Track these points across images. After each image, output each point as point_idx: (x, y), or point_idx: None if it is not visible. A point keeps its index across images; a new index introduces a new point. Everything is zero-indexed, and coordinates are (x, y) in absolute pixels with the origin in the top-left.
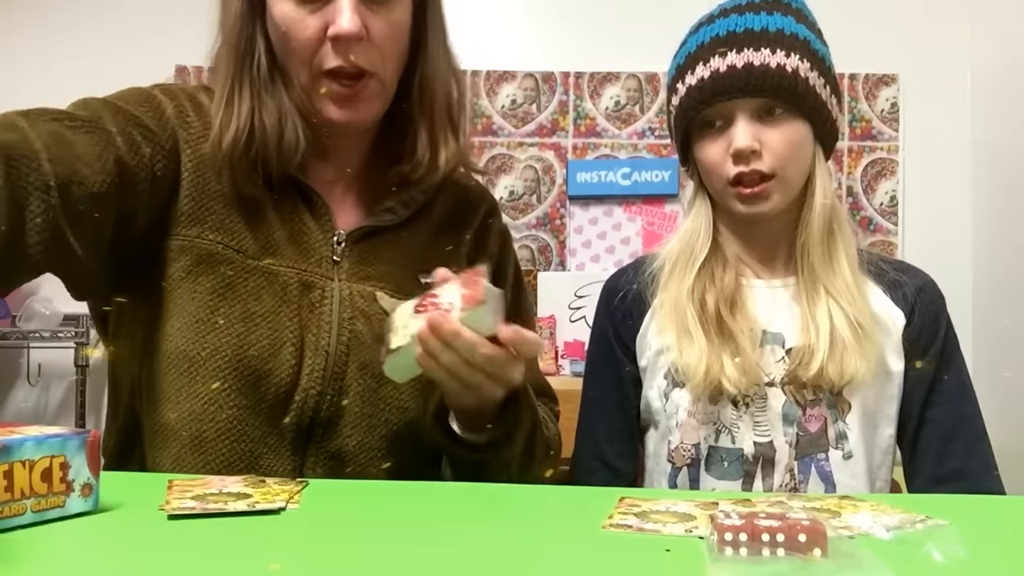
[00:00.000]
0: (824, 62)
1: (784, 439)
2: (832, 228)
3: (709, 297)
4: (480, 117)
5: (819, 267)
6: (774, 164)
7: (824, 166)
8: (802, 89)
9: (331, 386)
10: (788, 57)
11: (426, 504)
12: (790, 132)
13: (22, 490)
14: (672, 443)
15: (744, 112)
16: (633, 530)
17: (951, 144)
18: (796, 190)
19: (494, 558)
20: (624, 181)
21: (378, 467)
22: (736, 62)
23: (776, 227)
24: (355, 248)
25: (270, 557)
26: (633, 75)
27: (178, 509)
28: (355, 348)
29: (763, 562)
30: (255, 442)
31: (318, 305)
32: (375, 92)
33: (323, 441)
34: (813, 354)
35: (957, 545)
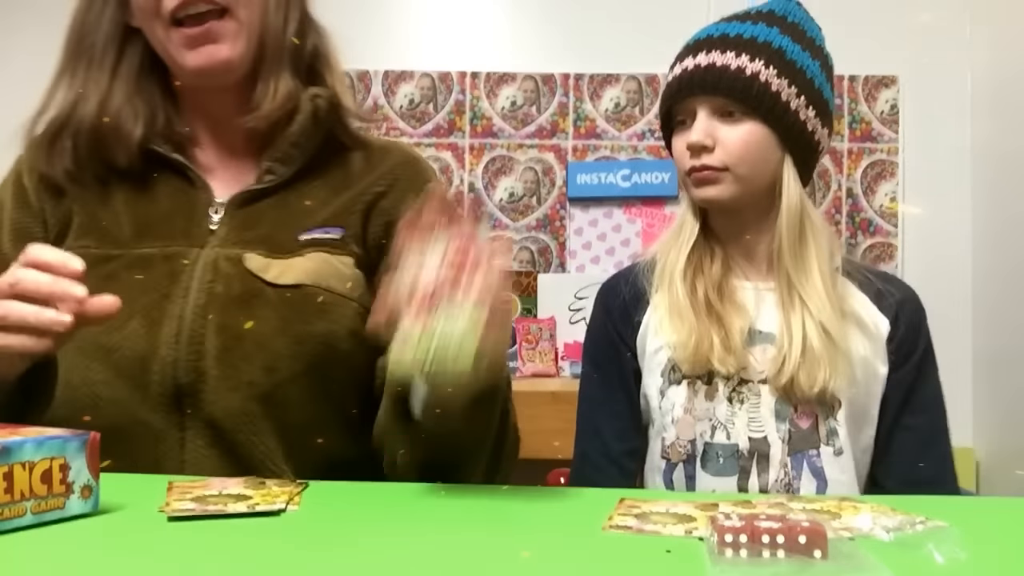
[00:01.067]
0: (802, 73)
1: (777, 435)
2: (805, 234)
3: (699, 284)
4: (480, 119)
5: (792, 273)
6: (725, 159)
7: (791, 172)
8: (758, 91)
9: (187, 351)
10: (753, 61)
11: (426, 505)
12: (745, 133)
13: (22, 492)
14: (667, 439)
15: (704, 109)
16: (633, 531)
17: (951, 146)
18: (753, 186)
19: (494, 559)
20: (624, 183)
21: (253, 433)
22: (702, 62)
23: (750, 227)
24: (237, 214)
25: (270, 559)
26: (633, 77)
27: (178, 511)
28: (212, 310)
29: (763, 563)
30: (119, 417)
31: (179, 274)
32: (231, 31)
33: (195, 409)
34: (785, 362)
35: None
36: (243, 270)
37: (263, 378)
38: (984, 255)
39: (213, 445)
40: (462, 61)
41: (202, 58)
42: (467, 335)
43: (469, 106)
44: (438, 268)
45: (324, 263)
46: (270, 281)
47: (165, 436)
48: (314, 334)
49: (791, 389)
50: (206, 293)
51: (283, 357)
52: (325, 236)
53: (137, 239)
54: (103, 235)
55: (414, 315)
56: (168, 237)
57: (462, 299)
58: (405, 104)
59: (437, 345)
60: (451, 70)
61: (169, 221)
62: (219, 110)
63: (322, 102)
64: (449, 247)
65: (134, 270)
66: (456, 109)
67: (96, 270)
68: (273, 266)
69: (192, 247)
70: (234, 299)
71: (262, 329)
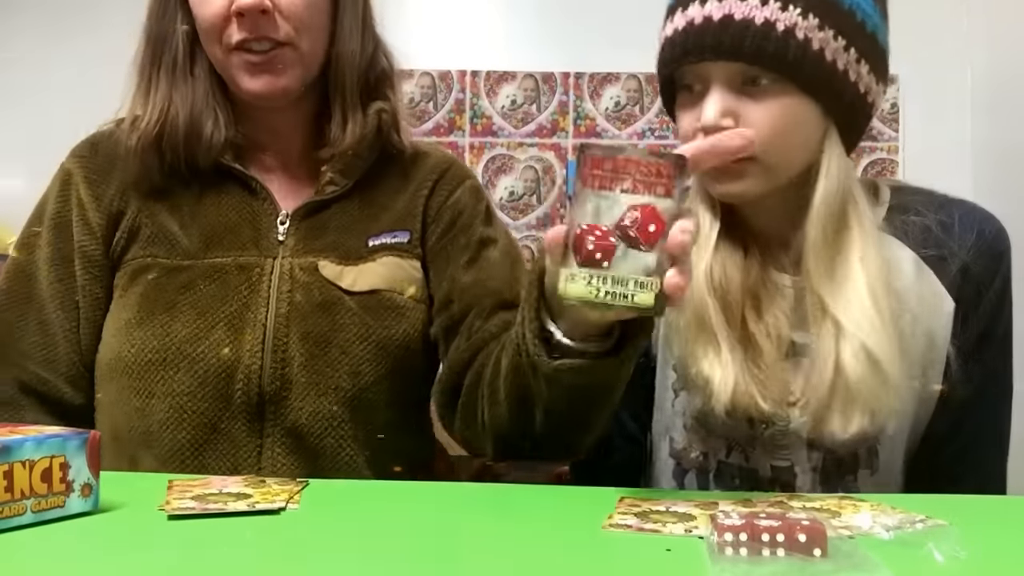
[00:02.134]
0: (852, 16)
1: (808, 464)
2: (845, 224)
3: (732, 286)
4: (480, 117)
5: (820, 278)
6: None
7: (836, 148)
8: (796, 54)
9: (272, 359)
10: (784, 10)
11: (426, 504)
12: (777, 109)
13: (22, 490)
14: (676, 443)
15: (720, 78)
16: (633, 530)
17: (951, 144)
18: (785, 176)
19: (494, 558)
20: None
21: (340, 438)
22: (714, 13)
23: (786, 208)
24: (302, 225)
25: (270, 557)
26: (633, 75)
27: (178, 509)
28: (295, 318)
29: (763, 562)
30: (201, 428)
31: (256, 283)
32: (291, 61)
33: (277, 417)
34: (817, 405)
35: (957, 545)
36: (320, 278)
37: (349, 383)
38: None
39: (292, 452)
40: (462, 60)
41: (260, 84)
42: (648, 279)
43: (469, 105)
44: (618, 219)
45: (396, 267)
46: (346, 288)
47: (243, 444)
48: (394, 338)
49: (819, 431)
50: (287, 302)
51: (367, 362)
52: (394, 240)
53: (206, 250)
54: (172, 245)
55: (584, 257)
56: (238, 247)
57: (644, 250)
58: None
59: (612, 285)
60: (451, 69)
61: (236, 232)
62: (280, 123)
63: (387, 116)
64: (635, 201)
65: (210, 280)
66: (456, 108)
67: (170, 280)
68: (346, 273)
69: (264, 257)
70: (315, 307)
71: (345, 335)
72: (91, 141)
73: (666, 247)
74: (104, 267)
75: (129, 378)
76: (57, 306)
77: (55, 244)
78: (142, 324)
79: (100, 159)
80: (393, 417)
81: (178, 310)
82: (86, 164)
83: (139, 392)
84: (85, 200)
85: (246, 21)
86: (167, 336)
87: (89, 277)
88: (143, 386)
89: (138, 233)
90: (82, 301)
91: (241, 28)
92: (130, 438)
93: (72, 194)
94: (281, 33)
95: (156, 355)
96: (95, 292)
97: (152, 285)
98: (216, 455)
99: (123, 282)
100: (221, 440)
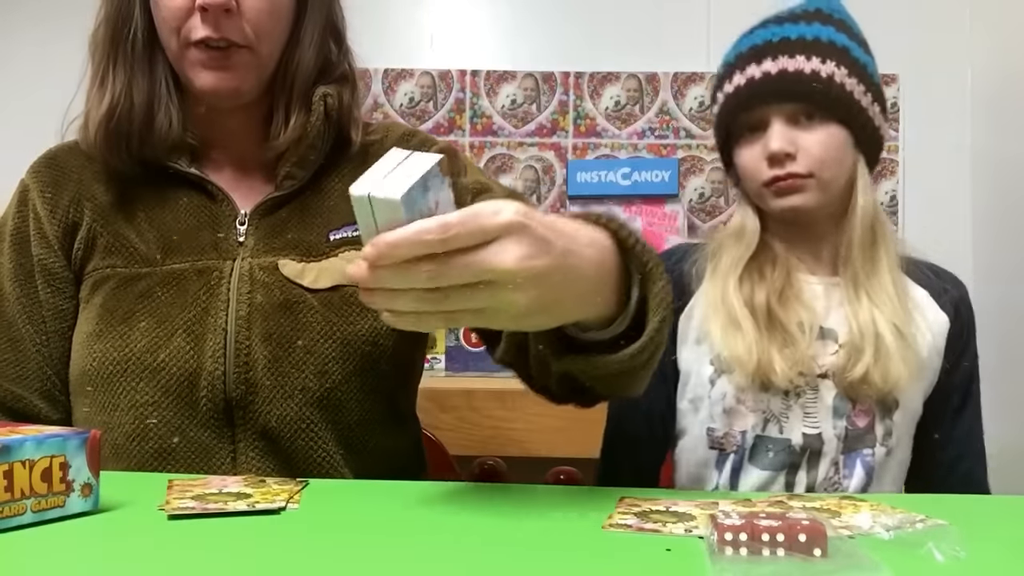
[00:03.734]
0: (865, 69)
1: (833, 432)
2: (875, 233)
3: (759, 293)
4: (480, 117)
5: (861, 271)
6: (810, 166)
7: (865, 173)
8: (836, 94)
9: (235, 363)
10: (824, 63)
11: (426, 504)
12: (825, 136)
13: (22, 490)
14: (717, 430)
15: (779, 117)
16: (633, 530)
17: (951, 144)
18: (834, 193)
19: (494, 558)
20: (624, 181)
21: (312, 439)
22: (771, 69)
23: (820, 230)
24: (262, 224)
25: (270, 557)
26: (633, 75)
27: (178, 509)
28: (256, 320)
29: (763, 562)
30: (168, 438)
31: (215, 287)
32: (246, 63)
33: (247, 422)
34: (859, 357)
35: (957, 545)
36: (280, 277)
37: (316, 383)
38: (985, 254)
39: (267, 455)
40: (462, 59)
41: (214, 81)
42: None
43: (469, 104)
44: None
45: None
46: (307, 286)
47: (215, 451)
48: (360, 333)
49: (859, 387)
50: (247, 304)
51: (333, 360)
52: (355, 233)
53: (164, 257)
54: (130, 254)
55: None
56: (197, 252)
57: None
58: (405, 102)
59: None
60: (451, 68)
61: (195, 236)
62: (232, 124)
63: (332, 101)
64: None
65: (168, 287)
66: (456, 107)
67: (128, 289)
68: (308, 270)
69: (224, 260)
70: (276, 307)
71: (309, 334)
72: (48, 155)
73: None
74: (66, 279)
75: (94, 391)
76: (25, 321)
77: (17, 260)
78: (101, 336)
79: (55, 172)
80: (365, 413)
81: (136, 319)
82: (41, 178)
83: (104, 406)
84: (41, 213)
85: (209, 17)
86: (126, 347)
87: (51, 290)
88: (107, 399)
89: (95, 243)
90: (47, 315)
91: (204, 24)
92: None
93: (29, 209)
94: (241, 35)
95: (116, 367)
96: (59, 305)
97: (110, 295)
98: (186, 464)
99: (85, 294)
100: (190, 448)
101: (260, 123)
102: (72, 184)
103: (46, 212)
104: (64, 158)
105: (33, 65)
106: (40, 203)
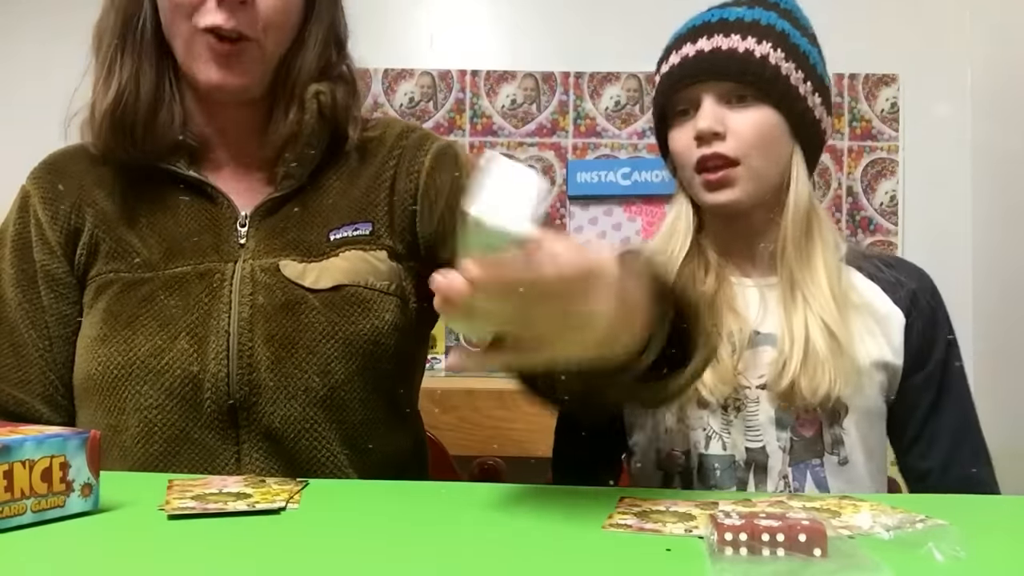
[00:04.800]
0: (806, 58)
1: (777, 444)
2: (811, 231)
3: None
4: (480, 117)
5: (796, 270)
6: (739, 149)
7: (801, 165)
8: (770, 75)
9: (239, 364)
10: (759, 44)
11: (426, 504)
12: (757, 117)
13: (22, 490)
14: (661, 451)
15: (711, 96)
16: (633, 530)
17: (951, 144)
18: (767, 184)
19: (494, 558)
20: (624, 181)
21: (316, 439)
22: (705, 47)
23: (754, 227)
24: (262, 225)
25: (270, 557)
26: (633, 75)
27: (178, 509)
28: (258, 321)
29: (763, 562)
30: (172, 440)
31: (217, 289)
32: (253, 57)
33: (251, 423)
34: (785, 366)
35: (957, 545)
36: (282, 278)
37: (319, 383)
38: (985, 253)
39: (271, 456)
40: (462, 59)
41: (221, 76)
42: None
43: (469, 104)
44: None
45: (360, 261)
46: (308, 286)
47: (219, 453)
48: (362, 333)
49: (791, 395)
50: (249, 305)
51: (335, 360)
52: (356, 233)
53: (167, 260)
54: (132, 258)
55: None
56: (199, 255)
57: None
58: (405, 102)
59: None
60: (451, 68)
61: (196, 239)
62: (231, 123)
63: (324, 98)
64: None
65: (171, 290)
66: (456, 107)
67: (131, 294)
68: (309, 271)
69: (226, 262)
70: (278, 308)
71: (311, 335)
72: (48, 160)
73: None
74: (69, 285)
75: (99, 396)
76: (28, 326)
77: (19, 265)
78: (105, 341)
79: (55, 177)
80: (369, 413)
81: (140, 324)
82: (41, 184)
83: (110, 410)
84: (43, 219)
85: (225, 5)
86: (130, 351)
87: (54, 296)
88: (113, 403)
89: (98, 249)
90: (50, 320)
91: (220, 10)
92: (107, 457)
93: (30, 214)
94: (251, 28)
95: (121, 371)
96: (62, 311)
97: (114, 300)
98: (191, 465)
99: (89, 299)
100: (194, 450)
101: (259, 122)
102: (73, 190)
103: (47, 218)
104: (64, 164)
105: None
106: (41, 209)
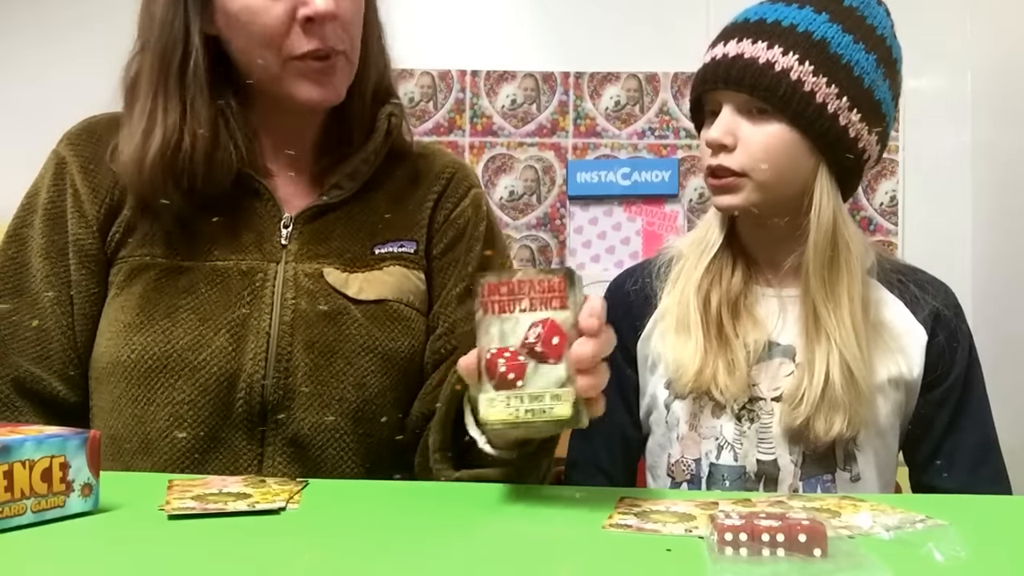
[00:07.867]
0: (849, 70)
1: (789, 457)
2: (837, 259)
3: (714, 296)
4: (480, 117)
5: (818, 293)
6: (744, 163)
7: (826, 182)
8: (787, 90)
9: (276, 368)
10: (785, 55)
11: (426, 504)
12: (769, 134)
13: (22, 490)
14: (672, 456)
15: (731, 105)
16: (633, 530)
17: (951, 144)
18: (779, 195)
19: (494, 558)
20: (624, 181)
21: (342, 450)
22: (729, 52)
23: (776, 234)
24: (306, 229)
25: (270, 557)
26: (633, 75)
27: (178, 509)
28: (299, 327)
29: (763, 562)
30: (200, 437)
31: (260, 289)
32: (344, 69)
33: (279, 427)
34: (802, 403)
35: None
36: (325, 285)
37: (354, 395)
38: (984, 254)
39: (293, 462)
40: (462, 60)
41: (320, 94)
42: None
43: (469, 104)
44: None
45: (404, 278)
46: (353, 296)
47: (243, 453)
48: (400, 350)
49: (803, 433)
50: (291, 310)
51: (372, 373)
52: (401, 250)
53: (206, 251)
54: (170, 244)
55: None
56: (240, 251)
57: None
58: (405, 103)
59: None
60: (451, 68)
61: (238, 234)
62: (293, 128)
63: (396, 120)
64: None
65: (212, 284)
66: (456, 107)
67: (170, 282)
68: (352, 281)
69: (268, 262)
70: (320, 316)
71: (351, 346)
72: (86, 127)
73: (571, 359)
74: (99, 261)
75: (127, 384)
76: (52, 300)
77: (49, 236)
78: (142, 328)
79: (96, 146)
80: (395, 428)
81: (179, 315)
82: (81, 152)
83: (137, 399)
84: (81, 190)
85: (316, 29)
86: (168, 343)
87: (85, 272)
88: (142, 393)
89: (135, 229)
90: (76, 296)
91: (311, 37)
92: (128, 446)
93: (67, 183)
94: (341, 42)
95: (157, 362)
96: (89, 287)
97: (152, 286)
98: (215, 464)
99: (119, 280)
100: (220, 449)
101: (320, 125)
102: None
103: (87, 190)
104: (103, 133)
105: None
106: (81, 179)
